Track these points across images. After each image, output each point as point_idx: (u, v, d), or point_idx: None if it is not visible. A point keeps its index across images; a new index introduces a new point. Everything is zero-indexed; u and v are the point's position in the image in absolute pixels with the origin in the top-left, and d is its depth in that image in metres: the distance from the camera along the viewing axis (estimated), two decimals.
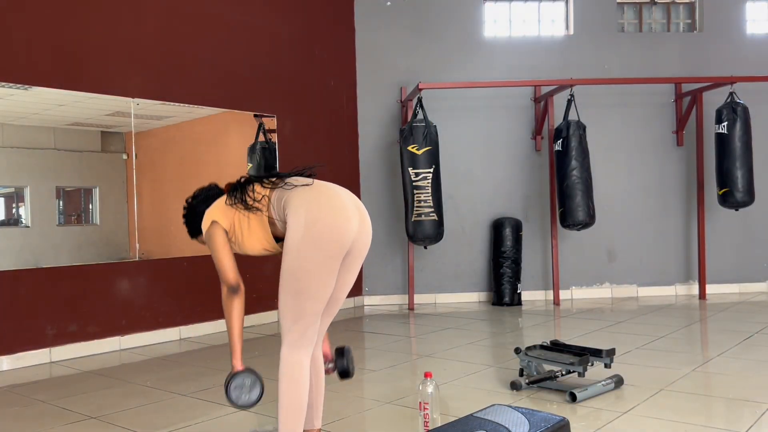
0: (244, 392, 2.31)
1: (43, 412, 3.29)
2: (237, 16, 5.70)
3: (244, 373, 2.33)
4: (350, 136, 6.78)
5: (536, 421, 2.42)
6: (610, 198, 6.83)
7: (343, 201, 2.29)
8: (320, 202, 2.25)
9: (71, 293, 4.59)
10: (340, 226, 2.24)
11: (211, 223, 2.34)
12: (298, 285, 2.23)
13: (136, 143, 5.00)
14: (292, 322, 2.27)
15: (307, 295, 2.25)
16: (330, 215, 2.23)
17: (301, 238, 2.21)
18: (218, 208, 2.37)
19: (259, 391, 2.33)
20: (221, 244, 2.33)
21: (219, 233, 2.33)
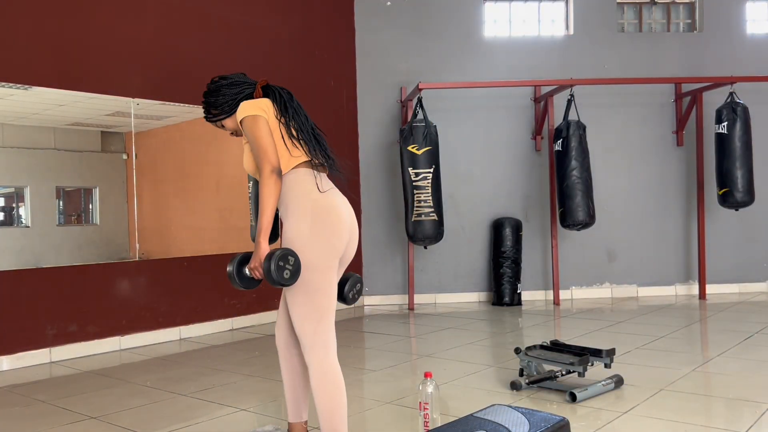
0: (287, 267, 2.14)
1: (43, 412, 3.29)
2: (237, 16, 5.70)
3: (285, 249, 2.18)
4: (350, 136, 6.78)
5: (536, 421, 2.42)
6: (610, 198, 6.83)
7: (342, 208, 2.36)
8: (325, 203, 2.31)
9: (71, 293, 4.59)
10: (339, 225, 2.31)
11: (257, 115, 2.30)
12: (311, 284, 2.24)
13: (136, 143, 5.01)
14: (316, 323, 2.25)
15: (322, 292, 2.26)
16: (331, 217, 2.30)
17: (308, 236, 2.24)
18: (263, 107, 2.33)
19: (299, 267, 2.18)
20: (265, 132, 2.29)
21: (263, 123, 2.30)
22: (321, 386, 2.26)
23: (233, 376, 3.92)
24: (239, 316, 5.61)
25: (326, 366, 2.26)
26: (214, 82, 2.48)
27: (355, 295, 2.52)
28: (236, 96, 2.43)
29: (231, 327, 5.55)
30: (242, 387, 3.67)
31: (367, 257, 6.76)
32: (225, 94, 2.44)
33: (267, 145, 2.27)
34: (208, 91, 2.49)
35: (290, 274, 2.16)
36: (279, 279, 2.14)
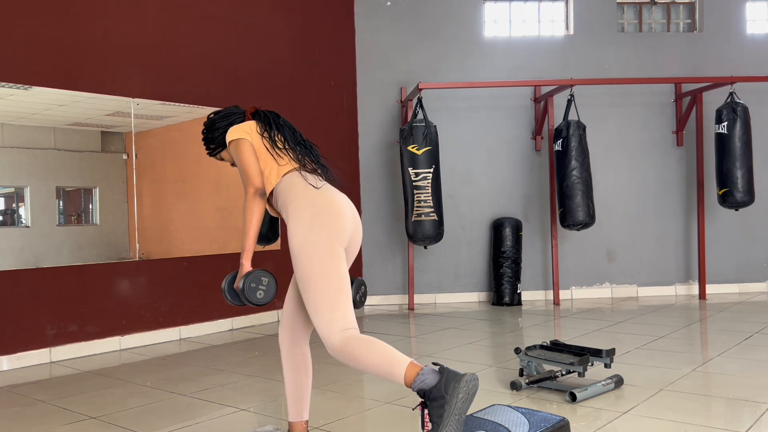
0: (261, 288, 2.24)
1: (43, 412, 3.29)
2: (237, 16, 5.70)
3: (260, 271, 2.28)
4: (350, 136, 6.78)
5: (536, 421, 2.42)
6: (610, 198, 6.83)
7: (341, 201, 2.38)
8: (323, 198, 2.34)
9: (71, 293, 4.59)
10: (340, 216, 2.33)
11: (239, 138, 2.42)
12: (318, 273, 2.23)
13: (136, 143, 5.00)
14: (331, 310, 2.20)
15: (331, 278, 2.23)
16: (331, 208, 2.32)
17: (308, 227, 2.26)
18: (247, 129, 2.44)
19: (275, 288, 2.27)
20: (249, 154, 2.40)
21: (247, 146, 2.41)
22: (351, 359, 2.18)
23: (233, 376, 3.92)
24: (239, 316, 5.61)
25: (352, 343, 2.18)
26: (209, 118, 2.61)
27: (362, 297, 2.51)
28: (227, 127, 2.54)
29: (231, 327, 5.55)
30: (242, 387, 3.67)
31: (367, 257, 6.76)
32: (218, 128, 2.57)
33: (250, 167, 2.38)
34: (204, 127, 2.61)
35: (263, 295, 2.23)
36: (251, 299, 2.23)
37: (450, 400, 2.02)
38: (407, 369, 2.10)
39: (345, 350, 2.18)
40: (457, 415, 2.03)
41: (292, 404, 2.53)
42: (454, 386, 2.03)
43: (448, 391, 2.03)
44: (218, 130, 2.55)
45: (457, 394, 2.02)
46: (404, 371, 2.10)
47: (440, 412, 2.03)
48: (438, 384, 2.05)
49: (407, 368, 2.10)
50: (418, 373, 2.08)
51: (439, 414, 2.03)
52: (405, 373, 2.10)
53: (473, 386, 2.06)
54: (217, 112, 2.61)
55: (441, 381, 2.06)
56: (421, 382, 2.07)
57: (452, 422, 2.02)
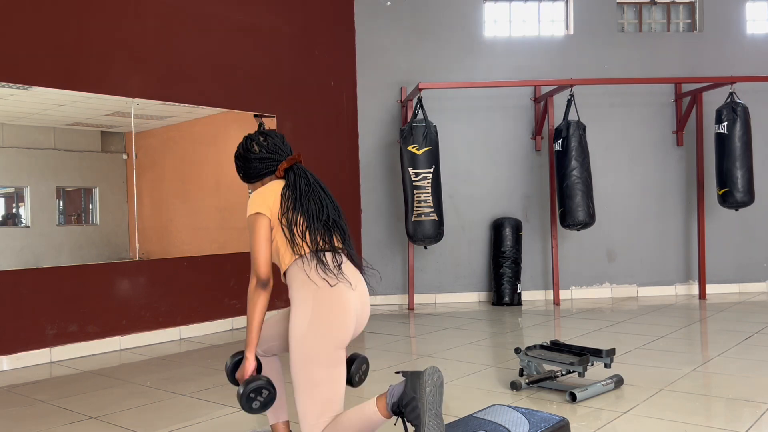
0: (258, 399, 2.21)
1: (43, 412, 3.29)
2: (237, 16, 5.70)
3: (263, 381, 2.22)
4: (350, 136, 6.78)
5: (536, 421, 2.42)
6: (610, 198, 6.83)
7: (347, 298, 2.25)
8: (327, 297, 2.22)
9: (71, 293, 4.59)
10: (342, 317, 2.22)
11: (258, 214, 2.27)
12: (312, 377, 2.18)
13: (136, 143, 5.01)
14: (318, 416, 2.18)
15: (324, 386, 2.18)
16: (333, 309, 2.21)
17: (307, 328, 2.18)
18: (270, 201, 2.29)
19: (273, 401, 2.25)
20: (263, 237, 2.25)
21: (263, 224, 2.26)
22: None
23: None
24: (239, 316, 5.61)
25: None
26: (247, 149, 2.44)
27: (362, 376, 2.46)
28: (259, 171, 2.43)
29: (231, 327, 5.55)
30: None
31: (367, 257, 6.76)
32: (250, 168, 2.44)
33: (259, 253, 2.23)
34: (238, 153, 2.47)
35: (259, 406, 2.22)
36: (246, 409, 2.21)
37: (420, 398, 2.05)
38: (377, 404, 2.15)
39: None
40: (433, 409, 2.05)
41: None
42: (419, 384, 2.07)
43: (416, 390, 2.06)
44: (249, 169, 2.43)
45: (424, 389, 2.05)
46: (376, 408, 2.13)
47: (416, 413, 2.06)
48: (405, 389, 2.09)
49: (376, 404, 2.14)
50: (385, 396, 2.13)
51: (415, 415, 2.06)
52: (378, 408, 2.13)
53: (437, 377, 2.09)
54: (259, 144, 2.42)
55: (407, 385, 2.09)
56: (391, 398, 2.11)
57: (431, 417, 2.04)
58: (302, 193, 2.31)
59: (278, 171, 2.38)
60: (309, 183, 2.34)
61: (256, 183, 2.47)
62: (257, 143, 2.43)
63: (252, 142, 2.44)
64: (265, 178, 2.44)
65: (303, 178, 2.34)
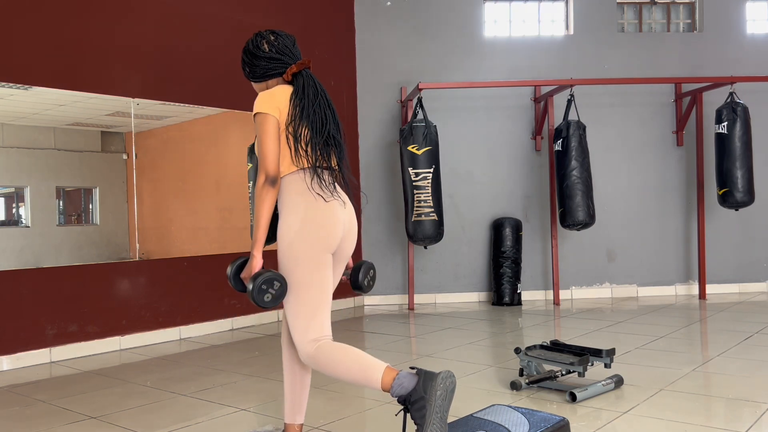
0: (270, 291, 2.16)
1: (43, 412, 3.29)
2: (237, 15, 5.70)
3: (272, 273, 2.18)
4: (350, 136, 6.78)
5: (536, 421, 2.42)
6: (610, 198, 6.83)
7: (334, 210, 2.30)
8: (317, 206, 2.27)
9: (71, 293, 4.59)
10: (330, 225, 2.28)
11: (266, 114, 2.26)
12: (300, 279, 2.22)
13: (136, 143, 5.01)
14: (308, 320, 2.22)
15: (312, 288, 2.22)
16: (323, 217, 2.26)
17: (297, 231, 2.23)
18: (278, 102, 2.27)
19: (285, 293, 2.21)
20: (272, 134, 2.24)
21: (272, 123, 2.25)
22: (324, 367, 2.20)
23: (233, 376, 3.92)
24: (239, 316, 5.61)
25: (323, 352, 2.20)
26: (257, 45, 2.39)
27: (370, 281, 2.48)
28: (266, 71, 2.39)
29: (231, 327, 5.55)
30: (242, 387, 3.67)
31: (367, 257, 6.76)
32: (257, 65, 2.40)
33: (269, 151, 2.23)
34: (247, 48, 2.42)
35: (271, 299, 2.17)
36: (259, 302, 2.15)
37: (429, 400, 2.05)
38: (384, 374, 2.12)
39: (318, 358, 2.21)
40: (439, 413, 2.05)
41: (287, 405, 2.53)
42: (431, 385, 2.06)
43: (427, 391, 2.06)
44: (256, 67, 2.39)
45: (435, 392, 2.05)
46: (381, 376, 2.12)
47: (422, 413, 2.05)
48: (416, 386, 2.08)
49: (384, 373, 2.12)
50: (394, 378, 2.10)
51: (421, 415, 2.05)
52: (382, 378, 2.12)
53: (450, 383, 2.09)
54: (269, 42, 2.37)
55: (419, 383, 2.08)
56: (398, 387, 2.10)
57: (435, 421, 2.04)
58: (309, 102, 2.31)
59: (286, 74, 2.36)
60: (317, 92, 2.34)
61: (260, 84, 2.44)
62: (267, 42, 2.38)
63: (262, 40, 2.39)
64: (270, 79, 2.41)
65: (311, 87, 2.34)
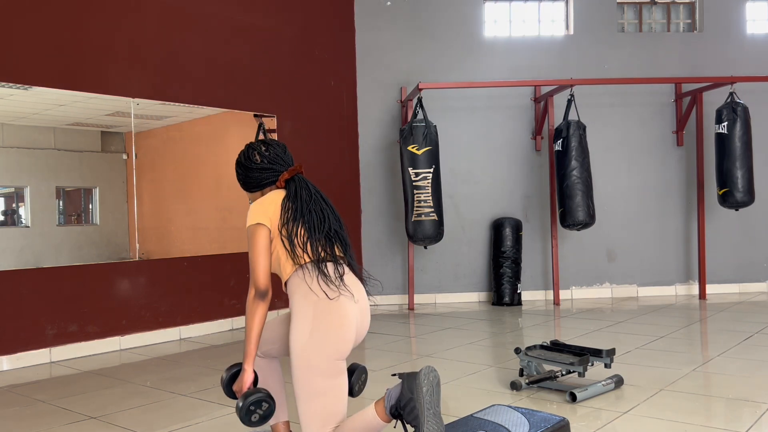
0: (258, 413, 2.18)
1: (43, 412, 3.29)
2: (237, 16, 5.70)
3: (263, 395, 2.18)
4: (350, 136, 6.78)
5: (536, 421, 2.42)
6: (610, 198, 6.83)
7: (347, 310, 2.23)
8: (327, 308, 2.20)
9: (71, 293, 4.59)
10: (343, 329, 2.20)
11: (257, 225, 2.25)
12: (314, 387, 2.17)
13: (136, 143, 5.00)
14: (320, 427, 2.17)
15: (327, 396, 2.18)
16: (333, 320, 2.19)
17: (308, 340, 2.17)
18: (270, 212, 2.27)
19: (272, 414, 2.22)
20: (262, 247, 2.24)
21: (263, 235, 2.24)
22: None
23: None
24: (239, 316, 5.61)
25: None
26: (248, 157, 2.41)
27: (361, 386, 2.46)
28: (260, 182, 2.41)
29: (231, 327, 5.55)
30: None
31: (367, 257, 6.76)
32: (251, 177, 2.41)
33: (259, 264, 2.22)
34: (239, 161, 2.44)
35: (258, 419, 2.18)
36: (245, 422, 2.17)
37: (417, 398, 2.06)
38: (375, 408, 2.15)
39: None
40: (431, 408, 2.06)
41: None
42: (416, 384, 2.08)
43: (413, 391, 2.07)
44: (249, 179, 2.41)
45: (420, 389, 2.06)
46: (375, 412, 2.14)
47: (414, 413, 2.06)
48: (402, 391, 2.09)
49: (375, 408, 2.15)
50: (383, 400, 2.14)
51: (414, 416, 2.06)
52: (376, 413, 2.14)
53: (433, 377, 2.10)
54: (260, 154, 2.39)
55: (403, 386, 2.10)
56: (389, 401, 2.12)
57: (429, 416, 2.05)
58: (303, 204, 2.29)
59: (279, 181, 2.37)
60: (310, 194, 2.33)
61: (255, 193, 2.45)
62: (259, 153, 2.40)
63: (254, 152, 2.41)
64: (265, 188, 2.42)
65: (304, 189, 2.33)
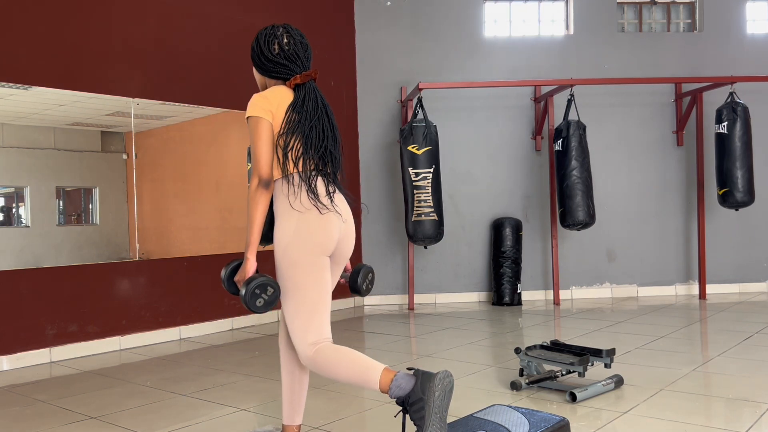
0: (263, 296, 2.15)
1: (43, 412, 3.29)
2: (237, 16, 5.70)
3: (266, 278, 2.17)
4: (350, 136, 6.78)
5: (536, 421, 2.42)
6: (610, 198, 6.83)
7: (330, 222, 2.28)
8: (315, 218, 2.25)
9: (71, 293, 4.59)
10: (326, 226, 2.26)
11: (259, 118, 2.25)
12: (297, 281, 2.22)
13: (136, 143, 5.00)
14: (306, 321, 2.21)
15: (309, 289, 2.22)
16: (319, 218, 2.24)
17: (292, 234, 2.22)
18: (273, 106, 2.27)
19: (277, 298, 2.20)
20: (265, 138, 2.24)
21: (265, 127, 2.24)
22: (323, 369, 2.21)
23: (233, 376, 3.92)
24: (239, 316, 5.61)
25: (324, 355, 2.20)
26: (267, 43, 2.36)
27: (369, 285, 2.47)
28: (270, 72, 2.38)
29: (231, 327, 5.55)
30: (242, 387, 3.67)
31: (367, 257, 6.76)
32: (263, 63, 2.39)
33: (261, 154, 2.23)
34: (258, 42, 2.39)
35: (263, 303, 2.16)
36: (251, 306, 2.15)
37: (428, 400, 2.05)
38: (382, 375, 2.13)
39: (317, 360, 2.21)
40: (438, 413, 2.05)
41: (285, 406, 2.53)
42: (429, 386, 2.06)
43: (425, 392, 2.06)
44: (262, 64, 2.39)
45: (433, 393, 2.05)
46: (379, 377, 2.12)
47: (421, 414, 2.05)
48: (414, 387, 2.08)
49: (381, 374, 2.13)
50: (392, 379, 2.10)
51: (420, 416, 2.05)
52: (380, 379, 2.12)
53: (448, 383, 2.09)
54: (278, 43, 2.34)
55: (417, 384, 2.08)
56: (396, 388, 2.10)
57: (434, 421, 2.04)
58: (308, 117, 2.28)
59: (289, 83, 2.34)
60: (317, 107, 2.31)
61: (262, 76, 2.44)
62: (279, 44, 2.36)
63: (275, 41, 2.36)
64: (273, 80, 2.39)
65: (312, 99, 2.31)
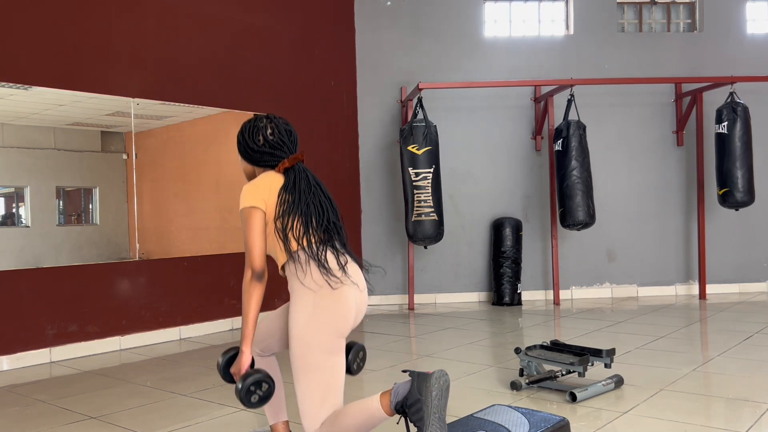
0: (258, 393, 2.17)
1: (43, 412, 3.29)
2: (237, 16, 5.70)
3: (262, 375, 2.18)
4: (350, 136, 6.78)
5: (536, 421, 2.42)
6: (610, 198, 6.83)
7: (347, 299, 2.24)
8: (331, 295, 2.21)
9: (71, 293, 4.59)
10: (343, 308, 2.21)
11: (252, 208, 2.23)
12: (312, 364, 2.17)
13: (136, 143, 5.00)
14: (319, 404, 2.17)
15: (325, 372, 2.18)
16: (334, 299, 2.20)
17: (308, 319, 2.17)
18: (265, 194, 2.25)
19: (272, 395, 2.22)
20: (257, 229, 2.21)
21: (258, 217, 2.22)
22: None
23: None
24: (239, 316, 5.60)
25: (324, 429, 2.18)
26: (251, 135, 2.37)
27: (360, 363, 2.46)
28: (257, 161, 2.38)
29: (231, 327, 5.55)
30: None
31: (367, 257, 6.76)
32: (250, 155, 2.38)
33: (254, 245, 2.19)
34: (242, 134, 2.40)
35: (258, 400, 2.17)
36: (245, 403, 2.16)
37: (425, 400, 2.05)
38: (380, 400, 2.13)
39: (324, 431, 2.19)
40: (437, 413, 2.05)
41: (266, 408, 2.52)
42: (426, 386, 2.06)
43: (422, 393, 2.06)
44: (248, 155, 2.38)
45: (430, 393, 2.05)
46: (379, 404, 2.12)
47: (420, 415, 2.05)
48: (410, 390, 2.08)
49: (380, 400, 2.13)
50: (390, 393, 2.12)
51: (419, 417, 2.05)
52: (381, 405, 2.12)
53: (444, 381, 2.09)
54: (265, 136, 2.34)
55: (413, 386, 2.08)
56: (395, 396, 2.10)
57: (434, 421, 2.04)
58: (302, 195, 2.26)
59: (278, 168, 2.33)
60: (309, 185, 2.29)
61: (251, 166, 2.42)
62: (263, 136, 2.35)
63: (258, 133, 2.36)
64: (262, 168, 2.39)
65: (303, 180, 2.29)
